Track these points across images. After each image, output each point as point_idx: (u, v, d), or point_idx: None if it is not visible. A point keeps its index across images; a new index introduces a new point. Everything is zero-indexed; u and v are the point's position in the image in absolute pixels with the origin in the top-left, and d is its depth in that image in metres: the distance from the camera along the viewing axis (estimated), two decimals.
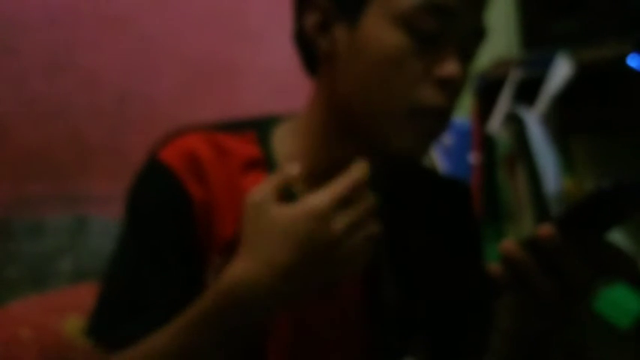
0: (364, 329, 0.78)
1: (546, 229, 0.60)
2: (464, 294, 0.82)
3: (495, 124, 1.30)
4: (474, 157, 1.37)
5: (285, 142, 0.78)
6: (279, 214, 0.63)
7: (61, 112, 1.66)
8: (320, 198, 0.62)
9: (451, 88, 0.70)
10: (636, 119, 1.28)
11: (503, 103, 1.29)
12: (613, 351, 1.13)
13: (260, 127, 0.79)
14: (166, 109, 1.73)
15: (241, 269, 0.64)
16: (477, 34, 0.73)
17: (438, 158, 1.49)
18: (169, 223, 0.73)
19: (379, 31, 0.69)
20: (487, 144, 1.32)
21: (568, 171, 1.21)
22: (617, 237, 1.20)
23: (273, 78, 1.81)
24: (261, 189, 0.65)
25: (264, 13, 1.81)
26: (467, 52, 0.73)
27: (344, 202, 0.63)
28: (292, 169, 0.65)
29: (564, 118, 1.25)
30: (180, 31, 1.76)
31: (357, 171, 0.64)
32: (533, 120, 1.23)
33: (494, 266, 0.63)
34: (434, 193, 0.86)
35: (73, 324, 0.93)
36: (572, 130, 1.31)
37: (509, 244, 0.62)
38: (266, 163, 0.77)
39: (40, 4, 1.65)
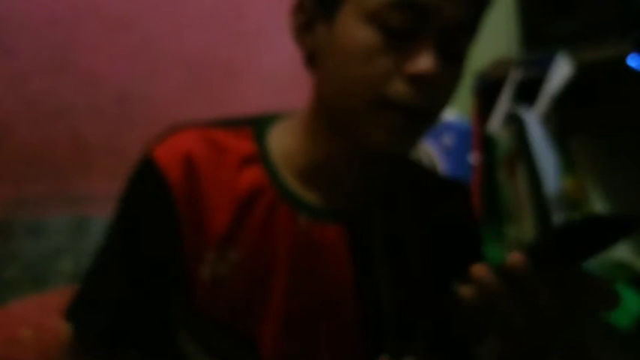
0: (363, 330, 0.79)
1: (516, 257, 0.58)
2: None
3: (495, 124, 1.30)
4: (474, 157, 1.37)
5: (280, 139, 0.79)
6: None
7: (61, 112, 1.66)
8: None
9: (424, 85, 0.68)
10: (636, 119, 1.28)
11: (503, 103, 1.29)
12: (613, 351, 1.13)
13: (257, 125, 0.81)
14: (166, 109, 1.73)
15: None
16: (461, 29, 0.70)
17: (438, 158, 1.49)
18: (150, 225, 0.75)
19: (351, 28, 0.70)
20: (487, 144, 1.32)
21: (568, 171, 1.21)
22: (620, 245, 1.19)
23: (273, 78, 1.81)
24: None
25: (264, 14, 1.81)
26: (450, 49, 0.70)
27: None
28: None
29: (564, 118, 1.25)
30: (180, 31, 1.77)
31: None
32: (533, 120, 1.23)
33: (464, 289, 0.61)
34: (433, 195, 0.86)
35: None
36: (572, 130, 1.31)
37: (480, 268, 0.60)
38: (261, 159, 0.78)
39: (40, 4, 1.65)
